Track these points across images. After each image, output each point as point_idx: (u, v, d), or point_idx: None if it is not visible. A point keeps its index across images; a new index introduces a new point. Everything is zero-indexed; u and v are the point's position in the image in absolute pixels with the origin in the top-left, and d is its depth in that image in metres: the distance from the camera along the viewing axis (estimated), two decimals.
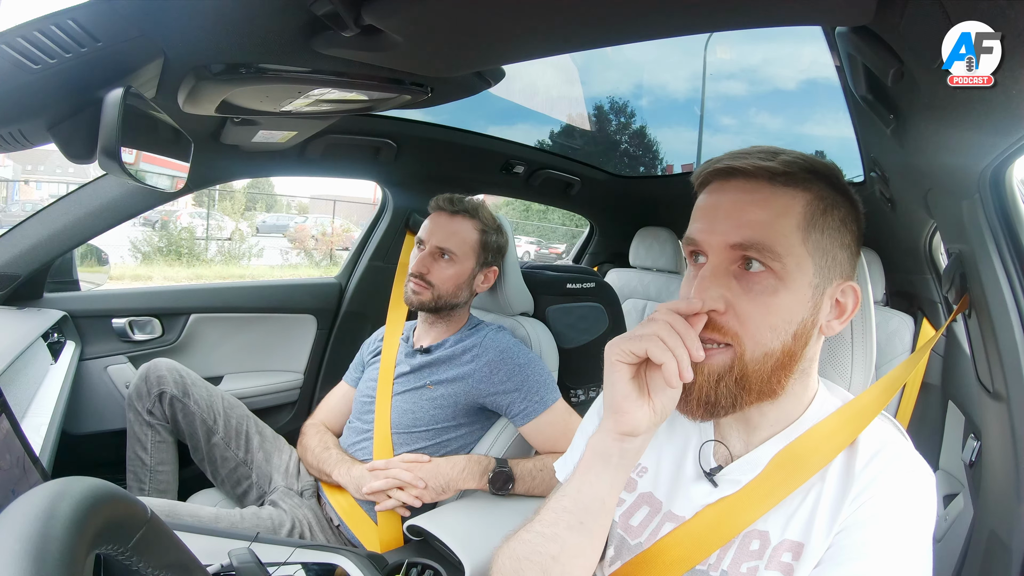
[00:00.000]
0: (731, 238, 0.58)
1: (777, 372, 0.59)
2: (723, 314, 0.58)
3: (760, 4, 0.67)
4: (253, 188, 16.50)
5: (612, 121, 12.51)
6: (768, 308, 0.58)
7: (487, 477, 1.26)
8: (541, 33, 0.81)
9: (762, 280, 0.58)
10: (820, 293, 0.60)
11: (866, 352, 0.72)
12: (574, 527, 0.60)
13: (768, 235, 0.57)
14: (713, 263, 0.59)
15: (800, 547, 0.57)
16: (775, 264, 0.57)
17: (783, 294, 0.58)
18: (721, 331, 0.58)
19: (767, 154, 0.60)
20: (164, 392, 1.36)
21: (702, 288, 0.58)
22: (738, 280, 0.59)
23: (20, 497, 0.35)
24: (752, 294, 0.58)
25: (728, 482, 0.64)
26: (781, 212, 0.58)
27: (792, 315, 0.58)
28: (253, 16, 0.75)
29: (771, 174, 0.59)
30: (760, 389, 0.59)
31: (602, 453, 0.60)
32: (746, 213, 0.58)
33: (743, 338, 0.58)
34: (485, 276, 1.43)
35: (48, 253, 1.44)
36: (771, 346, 0.58)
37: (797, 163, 0.59)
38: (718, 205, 0.61)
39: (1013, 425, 0.96)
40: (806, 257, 0.58)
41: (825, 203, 0.60)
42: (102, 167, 0.78)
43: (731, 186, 0.61)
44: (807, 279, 0.59)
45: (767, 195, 0.59)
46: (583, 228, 3.08)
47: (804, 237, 0.58)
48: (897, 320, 1.80)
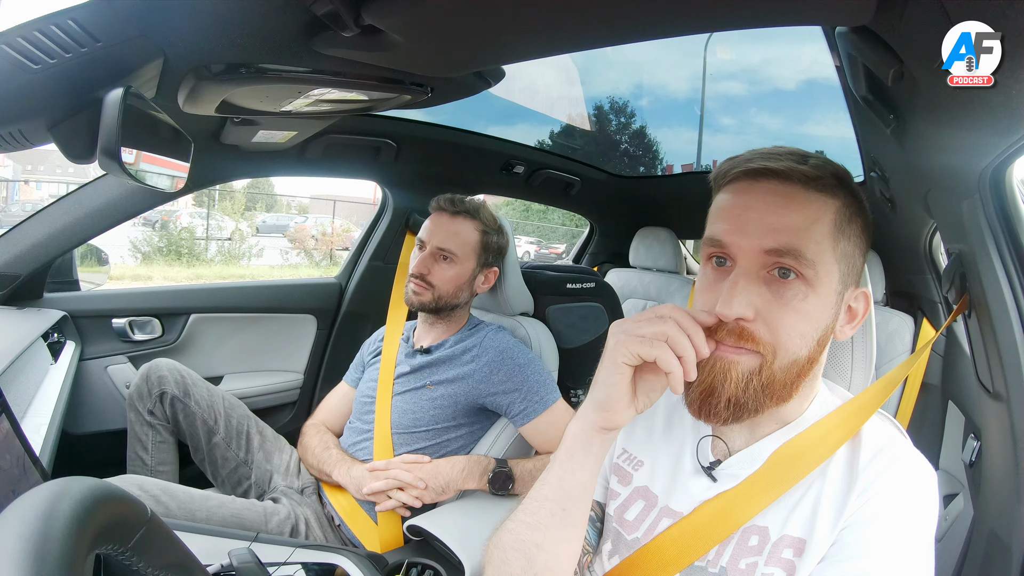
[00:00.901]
0: (766, 243, 0.56)
1: (799, 378, 0.59)
2: (752, 321, 0.57)
3: (760, 4, 0.67)
4: (253, 188, 16.50)
5: (612, 121, 12.52)
6: (799, 316, 0.57)
7: (487, 477, 1.26)
8: (541, 33, 0.81)
9: (793, 287, 0.57)
10: (841, 299, 0.60)
11: (866, 353, 0.72)
12: (556, 514, 0.60)
13: (803, 241, 0.56)
14: (744, 268, 0.57)
15: (802, 543, 0.57)
16: (808, 271, 0.56)
17: (813, 301, 0.57)
18: (751, 339, 0.57)
19: (798, 157, 0.59)
20: (165, 392, 1.36)
21: (731, 295, 0.56)
22: (769, 286, 0.57)
23: (20, 497, 0.35)
24: (783, 300, 0.57)
25: (727, 476, 0.64)
26: (815, 218, 0.57)
27: (819, 322, 0.58)
28: (253, 16, 0.75)
29: (806, 178, 0.57)
30: (781, 394, 0.59)
31: (584, 442, 0.60)
32: (781, 218, 0.56)
33: (774, 346, 0.57)
34: (486, 277, 1.43)
35: (48, 253, 1.44)
36: (799, 353, 0.58)
37: (827, 168, 0.59)
38: (749, 206, 0.58)
39: (1013, 425, 0.96)
40: (834, 264, 0.58)
41: (851, 211, 0.60)
42: (102, 167, 0.78)
43: (762, 187, 0.58)
44: (834, 286, 0.58)
45: (802, 200, 0.57)
46: (583, 228, 3.08)
47: (834, 244, 0.58)
48: (897, 320, 1.80)
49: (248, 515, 1.20)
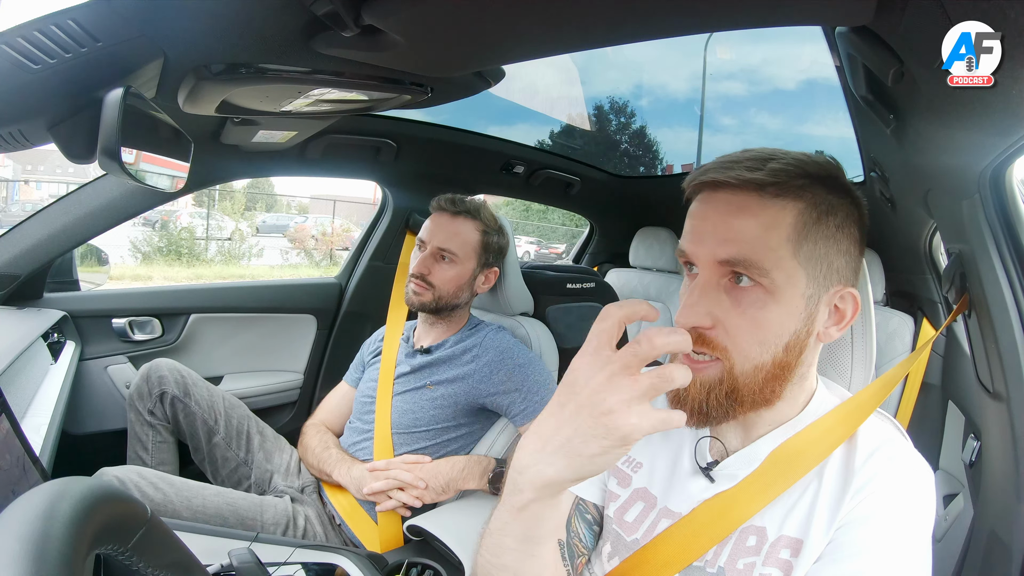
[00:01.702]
0: (719, 254, 0.57)
1: (770, 383, 0.59)
2: (712, 328, 0.58)
3: (760, 4, 0.67)
4: (253, 188, 16.50)
5: (612, 121, 12.52)
6: (757, 323, 0.57)
7: (487, 477, 1.26)
8: (541, 33, 0.81)
9: (751, 295, 0.57)
10: (815, 303, 0.59)
11: (866, 353, 0.72)
12: (519, 537, 0.58)
13: (755, 251, 0.56)
14: (703, 277, 0.59)
15: (799, 543, 0.57)
16: (764, 279, 0.56)
17: (773, 308, 0.57)
18: (710, 345, 0.58)
19: (757, 162, 0.58)
20: (165, 392, 1.36)
21: (690, 303, 0.58)
22: (728, 294, 0.58)
23: (20, 497, 0.35)
24: (741, 308, 0.57)
25: (725, 477, 0.64)
26: (769, 225, 0.57)
27: (783, 328, 0.58)
28: (253, 16, 0.75)
29: (759, 185, 0.57)
30: (753, 400, 0.59)
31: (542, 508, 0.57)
32: (732, 228, 0.57)
33: (732, 352, 0.58)
34: (486, 277, 1.43)
35: (48, 253, 1.44)
36: (761, 359, 0.58)
37: (788, 170, 0.57)
38: (705, 217, 0.60)
39: (1013, 425, 0.96)
40: (797, 269, 0.57)
41: (819, 210, 0.58)
42: (102, 167, 0.78)
43: (718, 198, 0.59)
44: (799, 291, 0.58)
45: (755, 208, 0.57)
46: (583, 228, 3.08)
47: (795, 249, 0.57)
48: (897, 320, 1.80)
49: (244, 504, 1.21)
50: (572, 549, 0.69)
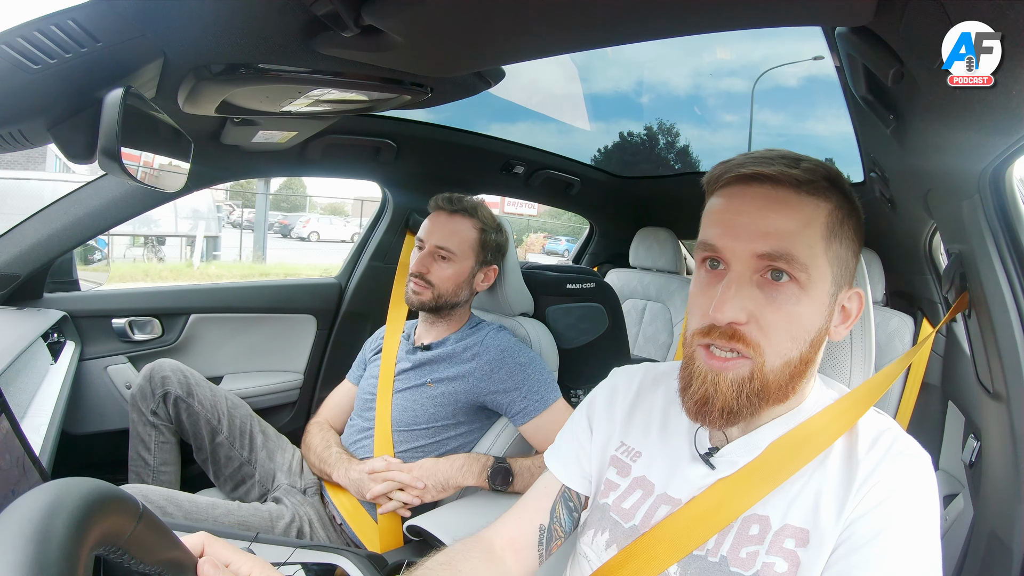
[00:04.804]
0: (758, 247, 0.57)
1: (794, 379, 0.60)
2: (745, 324, 0.57)
3: (760, 4, 0.67)
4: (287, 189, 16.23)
5: (660, 140, 12.40)
6: (791, 318, 0.58)
7: (486, 474, 1.26)
8: (541, 33, 0.81)
9: (787, 290, 0.58)
10: (834, 301, 0.61)
11: (865, 353, 0.73)
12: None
13: (795, 245, 0.57)
14: (737, 272, 0.58)
15: (805, 533, 0.57)
16: (801, 275, 0.57)
17: (805, 304, 0.58)
18: (744, 341, 0.57)
19: (790, 160, 0.59)
20: (168, 392, 1.36)
21: (724, 299, 0.57)
22: (762, 290, 0.58)
23: (20, 497, 0.34)
24: (776, 304, 0.57)
25: (726, 463, 0.64)
26: (807, 221, 0.58)
27: (812, 324, 0.59)
28: (253, 16, 0.75)
29: (797, 181, 0.58)
30: (776, 396, 0.60)
31: None
32: (773, 222, 0.57)
33: (764, 348, 0.58)
34: (485, 275, 1.43)
35: (48, 253, 1.44)
36: (791, 355, 0.58)
37: (819, 171, 0.59)
38: (741, 210, 0.59)
39: (1013, 425, 0.96)
40: (826, 267, 0.59)
41: (843, 213, 0.60)
42: (102, 167, 0.78)
43: (754, 192, 0.59)
44: (826, 288, 0.59)
45: (794, 204, 0.58)
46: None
47: (827, 247, 0.58)
48: (897, 320, 1.80)
49: (254, 521, 1.21)
50: (551, 533, 0.73)
